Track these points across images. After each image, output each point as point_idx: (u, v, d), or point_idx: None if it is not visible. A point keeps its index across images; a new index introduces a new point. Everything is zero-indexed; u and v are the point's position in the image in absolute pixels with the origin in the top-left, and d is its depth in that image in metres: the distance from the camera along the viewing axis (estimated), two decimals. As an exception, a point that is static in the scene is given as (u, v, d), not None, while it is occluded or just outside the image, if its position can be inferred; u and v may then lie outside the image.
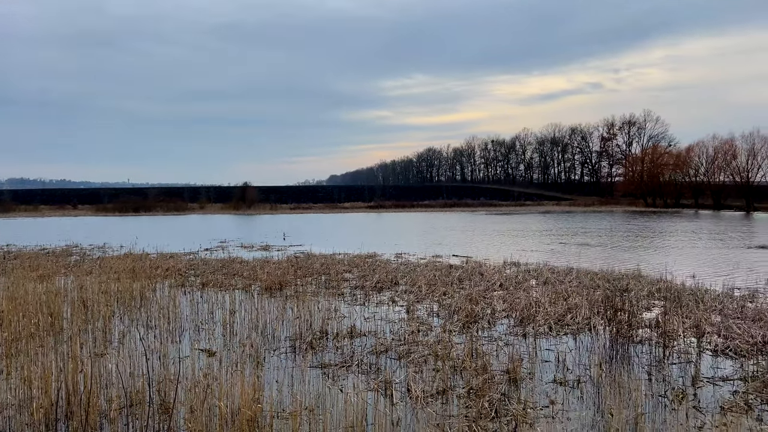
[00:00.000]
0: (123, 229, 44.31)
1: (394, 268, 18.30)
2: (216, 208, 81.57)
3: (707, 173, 78.66)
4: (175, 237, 34.75)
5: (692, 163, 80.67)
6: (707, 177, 78.51)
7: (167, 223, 53.95)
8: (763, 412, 6.54)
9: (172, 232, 41.42)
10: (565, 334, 10.19)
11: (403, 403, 6.88)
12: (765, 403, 6.80)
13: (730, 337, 9.49)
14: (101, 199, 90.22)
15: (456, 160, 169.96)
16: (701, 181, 79.12)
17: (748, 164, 72.70)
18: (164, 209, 77.22)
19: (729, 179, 75.88)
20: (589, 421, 6.31)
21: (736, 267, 19.26)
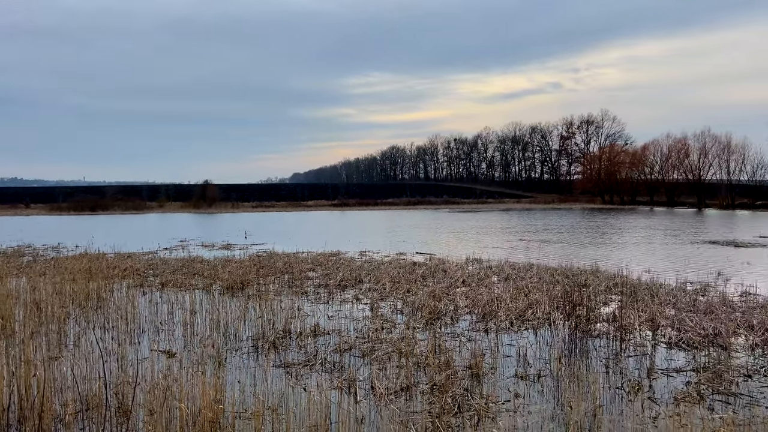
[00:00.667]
0: (79, 228, 43.05)
1: (358, 266, 18.28)
2: (176, 207, 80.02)
3: (662, 171, 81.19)
4: (134, 236, 33.95)
5: (647, 162, 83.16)
6: (662, 175, 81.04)
7: (125, 222, 52.67)
8: (715, 402, 6.78)
9: (130, 231, 40.45)
10: (526, 329, 10.37)
11: (367, 400, 6.88)
12: (716, 393, 7.05)
13: (683, 330, 9.81)
14: (56, 197, 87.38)
15: (419, 159, 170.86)
16: (656, 179, 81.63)
17: (699, 162, 75.36)
18: (122, 208, 75.30)
19: (682, 177, 78.48)
20: (549, 414, 6.43)
21: (689, 262, 19.92)
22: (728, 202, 68.86)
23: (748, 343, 9.23)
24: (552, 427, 6.07)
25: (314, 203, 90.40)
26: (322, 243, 26.71)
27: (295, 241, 28.96)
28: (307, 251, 23.29)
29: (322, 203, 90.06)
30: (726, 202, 69.30)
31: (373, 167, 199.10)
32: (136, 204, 79.56)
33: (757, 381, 7.49)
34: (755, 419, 6.12)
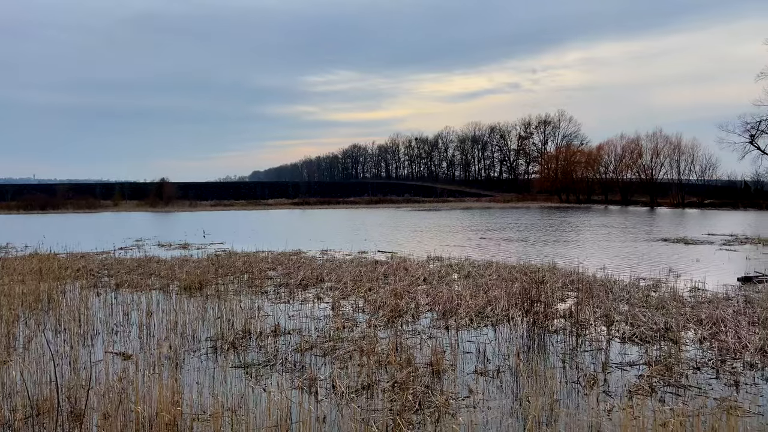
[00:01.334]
0: (28, 228, 41.52)
1: (319, 265, 18.19)
2: (131, 206, 78.07)
3: (616, 171, 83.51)
4: (87, 236, 32.94)
5: (602, 161, 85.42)
6: (616, 174, 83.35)
7: (78, 221, 51.07)
8: (666, 394, 7.02)
9: (83, 230, 39.24)
10: (486, 326, 10.51)
11: (328, 399, 6.86)
12: (667, 386, 7.29)
13: (636, 325, 10.11)
14: (4, 195, 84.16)
15: (381, 157, 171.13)
16: (610, 178, 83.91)
17: (652, 162, 77.86)
18: (74, 207, 73.01)
19: (635, 176, 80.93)
20: (508, 409, 6.54)
21: (642, 259, 20.55)
22: (678, 201, 71.32)
23: (697, 336, 9.57)
24: (511, 421, 6.18)
25: (275, 202, 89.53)
26: (282, 242, 26.48)
27: (255, 240, 28.63)
28: (268, 250, 23.05)
29: (283, 202, 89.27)
30: (676, 200, 71.78)
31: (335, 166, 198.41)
32: (89, 202, 77.21)
33: (705, 373, 7.78)
34: (703, 410, 6.35)
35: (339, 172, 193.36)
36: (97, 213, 65.76)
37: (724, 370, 7.89)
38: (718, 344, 8.96)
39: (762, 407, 6.53)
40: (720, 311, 10.71)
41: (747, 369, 7.95)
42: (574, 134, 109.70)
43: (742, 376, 7.64)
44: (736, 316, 10.47)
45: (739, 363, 8.19)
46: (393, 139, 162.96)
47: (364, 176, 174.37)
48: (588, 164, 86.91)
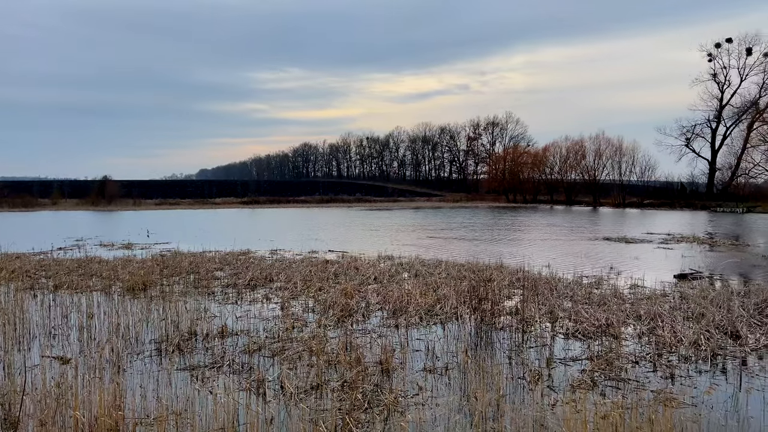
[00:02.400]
0: (-43, 227, 39.31)
1: (268, 265, 17.97)
2: (71, 204, 75.04)
3: (561, 171, 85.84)
4: (23, 236, 31.47)
5: (548, 162, 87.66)
6: (561, 175, 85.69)
7: (13, 220, 48.71)
8: (606, 388, 7.27)
9: (19, 230, 37.46)
10: (435, 324, 10.62)
11: (276, 400, 6.79)
12: (608, 380, 7.56)
13: (579, 321, 10.43)
14: (-70, 193, 79.24)
15: (332, 156, 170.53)
16: (556, 179, 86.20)
17: (595, 164, 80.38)
18: (9, 205, 69.58)
19: (579, 177, 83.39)
20: (456, 405, 6.63)
21: (585, 257, 21.20)
22: (620, 201, 73.95)
23: (636, 332, 9.95)
24: (458, 418, 6.27)
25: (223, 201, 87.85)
26: (231, 242, 26.02)
27: (202, 239, 28.01)
28: (215, 250, 22.60)
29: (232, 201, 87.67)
30: (618, 201, 74.41)
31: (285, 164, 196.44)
32: (25, 201, 73.72)
33: (643, 367, 8.10)
34: (641, 402, 6.62)
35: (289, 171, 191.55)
36: (35, 212, 62.88)
37: (661, 363, 8.23)
38: (656, 339, 9.35)
39: (695, 398, 6.85)
40: (657, 307, 11.17)
41: (682, 362, 8.33)
42: (521, 136, 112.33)
43: (677, 369, 7.99)
44: (672, 311, 10.95)
45: (675, 356, 8.56)
46: (344, 138, 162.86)
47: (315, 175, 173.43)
48: (534, 165, 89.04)
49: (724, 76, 73.58)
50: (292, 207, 76.41)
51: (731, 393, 7.10)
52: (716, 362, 8.32)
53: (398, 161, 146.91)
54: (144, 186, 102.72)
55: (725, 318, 10.33)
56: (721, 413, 6.42)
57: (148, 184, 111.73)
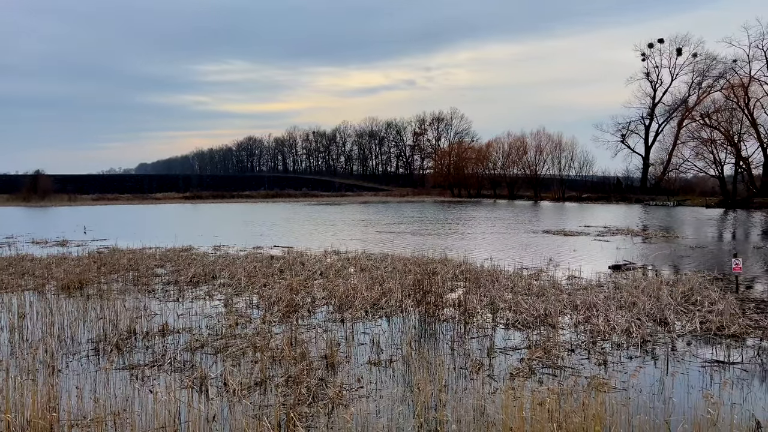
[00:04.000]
0: None
1: (211, 262, 17.65)
2: (1, 200, 71.26)
3: (503, 167, 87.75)
4: (-54, 233, 29.69)
5: (491, 158, 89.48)
6: (503, 170, 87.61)
7: (-66, 217, 45.86)
8: (544, 375, 7.55)
9: (-59, 227, 35.32)
10: (380, 317, 10.73)
11: (219, 398, 6.72)
12: (545, 367, 7.84)
13: (518, 312, 10.76)
14: None
15: (278, 150, 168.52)
16: (499, 174, 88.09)
17: (536, 159, 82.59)
18: (-70, 201, 65.51)
19: (521, 172, 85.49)
20: (399, 396, 6.74)
21: (525, 249, 21.82)
22: (559, 196, 76.33)
23: (572, 321, 10.35)
24: (401, 409, 6.38)
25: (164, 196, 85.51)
26: (172, 238, 25.38)
27: (141, 236, 27.19)
28: (156, 247, 22.01)
29: (173, 196, 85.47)
30: (558, 195, 76.79)
31: (229, 158, 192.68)
32: (-52, 196, 69.62)
33: (578, 354, 8.45)
34: (576, 388, 6.91)
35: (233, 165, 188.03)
36: (-41, 208, 59.43)
37: (595, 351, 8.60)
38: (591, 327, 9.76)
39: (625, 383, 7.21)
40: (593, 297, 11.64)
41: (614, 349, 8.73)
42: (465, 131, 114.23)
43: (610, 356, 8.37)
44: (607, 301, 11.43)
45: (608, 344, 8.96)
46: (290, 132, 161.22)
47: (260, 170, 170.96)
48: (478, 160, 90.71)
49: (656, 75, 77.10)
50: (236, 202, 75.12)
51: (659, 377, 7.51)
52: (646, 348, 8.76)
53: (345, 156, 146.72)
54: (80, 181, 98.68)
55: (655, 306, 10.88)
56: (649, 396, 6.78)
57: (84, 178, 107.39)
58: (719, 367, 7.92)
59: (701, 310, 10.70)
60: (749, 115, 61.28)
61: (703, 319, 10.16)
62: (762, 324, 10.04)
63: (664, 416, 6.03)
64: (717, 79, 67.68)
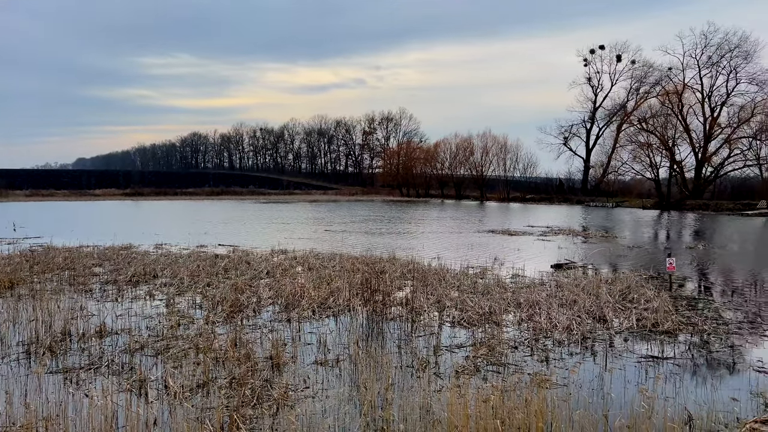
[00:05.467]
0: None
1: (152, 260, 17.11)
2: None
3: (451, 167, 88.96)
4: None
5: (439, 158, 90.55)
6: (451, 170, 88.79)
7: None
8: (488, 372, 7.67)
9: None
10: (328, 317, 10.66)
11: (159, 401, 6.51)
12: (490, 365, 7.97)
13: (464, 310, 10.91)
14: None
15: (224, 147, 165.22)
16: (446, 174, 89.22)
17: (482, 160, 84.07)
18: None
19: (468, 173, 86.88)
20: (346, 396, 6.71)
21: (471, 249, 22.16)
22: (505, 196, 78.01)
23: (516, 319, 10.57)
24: (348, 408, 6.35)
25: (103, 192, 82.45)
26: (111, 236, 24.47)
27: (78, 233, 26.10)
28: (93, 245, 21.16)
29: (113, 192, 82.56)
30: (503, 195, 78.47)
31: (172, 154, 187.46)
32: None
33: (521, 351, 8.63)
34: (519, 384, 7.05)
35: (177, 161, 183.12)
36: None
37: (538, 347, 8.81)
38: (533, 325, 9.98)
39: (566, 379, 7.41)
40: (535, 295, 11.93)
41: (556, 346, 8.96)
42: (414, 131, 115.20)
43: (551, 353, 8.59)
44: (549, 299, 11.73)
45: (550, 341, 9.19)
46: (237, 128, 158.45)
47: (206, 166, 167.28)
48: (426, 160, 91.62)
49: (597, 80, 79.85)
50: (179, 199, 73.20)
51: (598, 373, 7.75)
52: (586, 345, 9.03)
53: (294, 153, 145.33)
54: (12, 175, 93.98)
55: (594, 304, 11.24)
56: (588, 391, 6.99)
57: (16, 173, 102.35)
58: (654, 362, 8.25)
59: (637, 308, 11.13)
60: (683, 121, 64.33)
61: (639, 316, 10.57)
62: (693, 321, 10.54)
63: (603, 411, 6.22)
64: (653, 86, 70.85)
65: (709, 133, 63.37)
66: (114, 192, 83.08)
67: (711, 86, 64.62)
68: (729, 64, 62.38)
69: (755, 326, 10.45)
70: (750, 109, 59.08)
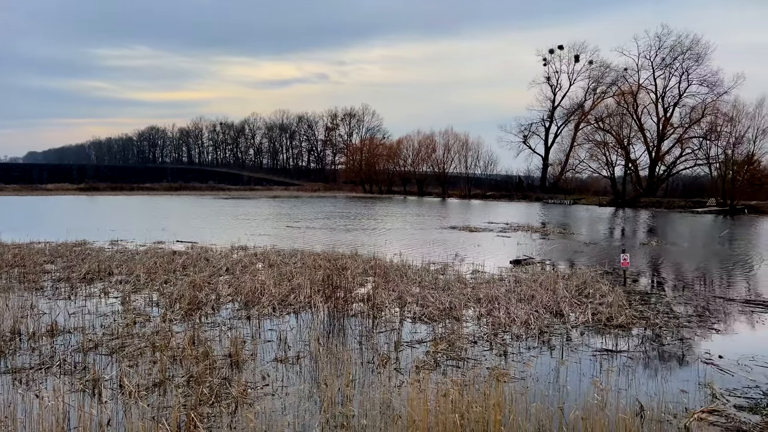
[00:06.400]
0: None
1: (108, 257, 16.66)
2: None
3: (413, 164, 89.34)
4: None
5: (402, 155, 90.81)
6: (413, 167, 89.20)
7: None
8: (448, 367, 7.75)
9: None
10: (288, 314, 10.58)
11: (114, 401, 6.35)
12: (449, 359, 8.06)
13: (425, 305, 10.99)
14: None
15: (182, 141, 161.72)
16: (409, 171, 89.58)
17: (444, 157, 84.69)
18: None
19: (430, 170, 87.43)
20: (306, 393, 6.68)
21: (433, 245, 22.33)
22: (466, 193, 78.85)
23: (475, 313, 10.71)
24: (308, 405, 6.32)
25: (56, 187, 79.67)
26: (64, 232, 23.70)
27: (29, 229, 25.18)
28: (45, 241, 20.48)
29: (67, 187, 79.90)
30: (464, 192, 79.30)
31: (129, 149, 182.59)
32: None
33: (480, 346, 8.75)
34: (478, 378, 7.15)
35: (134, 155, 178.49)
36: None
37: (496, 342, 8.95)
38: (492, 320, 10.13)
39: (524, 373, 7.55)
40: (495, 290, 12.10)
41: (514, 340, 9.12)
42: (377, 128, 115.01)
43: (510, 347, 8.74)
44: (508, 294, 11.93)
45: (509, 335, 9.35)
46: (196, 122, 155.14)
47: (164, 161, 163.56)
48: (389, 157, 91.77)
49: (556, 79, 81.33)
50: (137, 194, 71.48)
51: (554, 366, 7.93)
52: (543, 339, 9.22)
53: (255, 149, 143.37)
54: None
55: (551, 299, 11.48)
56: (545, 384, 7.14)
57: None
58: (608, 355, 8.49)
59: (593, 303, 11.42)
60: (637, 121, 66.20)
61: (595, 310, 10.84)
62: (646, 315, 10.87)
63: (558, 403, 6.37)
64: (610, 86, 72.66)
65: (662, 132, 65.42)
66: (67, 187, 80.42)
67: (664, 87, 66.77)
68: (681, 65, 64.57)
69: (704, 319, 10.86)
70: (701, 110, 61.20)
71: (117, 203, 52.69)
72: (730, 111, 56.63)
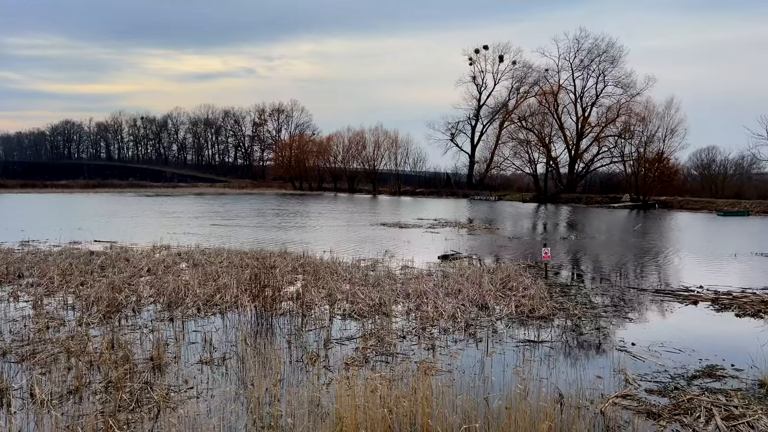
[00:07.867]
0: None
1: (18, 259, 15.65)
2: None
3: (344, 161, 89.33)
4: None
5: (332, 151, 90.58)
6: (344, 164, 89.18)
7: None
8: (377, 363, 7.79)
9: None
10: (214, 314, 10.31)
11: (24, 410, 5.97)
12: (379, 355, 8.10)
13: (355, 302, 11.00)
14: None
15: (100, 136, 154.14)
16: (340, 168, 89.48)
17: (374, 154, 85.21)
18: None
19: (360, 166, 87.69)
20: (232, 395, 6.53)
21: (363, 241, 22.40)
22: (396, 190, 79.66)
23: (404, 309, 10.82)
24: (234, 407, 6.18)
25: (-42, 184, 74.08)
26: (-32, 232, 22.08)
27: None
28: (-54, 242, 18.99)
29: (-29, 184, 74.41)
30: (394, 189, 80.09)
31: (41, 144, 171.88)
32: None
33: (409, 341, 8.85)
34: (406, 372, 7.23)
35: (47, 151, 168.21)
36: None
37: (424, 336, 9.08)
38: (421, 314, 10.28)
39: (451, 365, 7.70)
40: (423, 285, 12.27)
41: (442, 334, 9.29)
42: (306, 124, 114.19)
43: (437, 340, 8.89)
44: (435, 289, 12.13)
45: (436, 329, 9.51)
46: (115, 117, 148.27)
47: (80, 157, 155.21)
48: (319, 154, 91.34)
49: (481, 79, 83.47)
50: (50, 192, 67.58)
51: (480, 358, 8.13)
52: (470, 332, 9.44)
53: (178, 144, 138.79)
54: None
55: (477, 293, 11.77)
56: (471, 376, 7.31)
57: None
58: (531, 346, 8.80)
59: (516, 295, 11.81)
60: (558, 120, 69.05)
61: (518, 303, 11.22)
62: (566, 306, 11.36)
63: (484, 394, 6.54)
64: (532, 86, 75.45)
65: (581, 131, 68.55)
66: (-29, 184, 74.99)
67: (582, 88, 70.02)
68: (598, 67, 67.90)
69: (618, 309, 11.47)
70: (616, 110, 64.63)
71: (28, 201, 49.59)
72: (642, 111, 60.22)
